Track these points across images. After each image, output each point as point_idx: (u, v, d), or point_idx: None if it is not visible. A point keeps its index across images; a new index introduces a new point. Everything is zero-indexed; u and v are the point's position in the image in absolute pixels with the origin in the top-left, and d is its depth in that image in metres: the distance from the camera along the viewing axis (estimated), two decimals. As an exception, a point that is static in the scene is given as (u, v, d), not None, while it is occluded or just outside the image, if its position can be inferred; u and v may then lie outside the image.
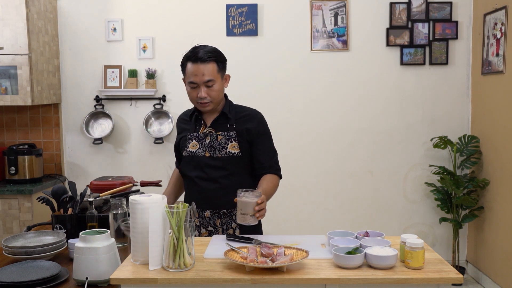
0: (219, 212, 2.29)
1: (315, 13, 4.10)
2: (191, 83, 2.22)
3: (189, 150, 2.30)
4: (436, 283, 1.64)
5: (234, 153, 2.26)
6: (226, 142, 2.26)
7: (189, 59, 2.23)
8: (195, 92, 2.22)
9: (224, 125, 2.30)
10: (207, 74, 2.19)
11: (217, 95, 2.24)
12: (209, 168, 2.27)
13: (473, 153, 3.97)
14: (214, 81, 2.21)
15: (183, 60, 2.27)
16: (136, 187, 2.98)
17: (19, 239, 2.08)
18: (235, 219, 2.25)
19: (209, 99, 2.22)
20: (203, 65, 2.18)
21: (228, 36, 4.10)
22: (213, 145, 2.27)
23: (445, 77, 4.16)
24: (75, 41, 4.15)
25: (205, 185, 2.28)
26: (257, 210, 1.98)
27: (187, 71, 2.23)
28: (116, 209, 2.12)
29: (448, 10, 4.09)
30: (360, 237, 1.89)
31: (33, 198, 3.59)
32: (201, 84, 2.20)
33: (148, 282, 1.64)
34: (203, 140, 2.29)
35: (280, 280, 1.63)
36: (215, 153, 2.26)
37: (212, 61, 2.20)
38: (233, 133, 2.27)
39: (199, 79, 2.19)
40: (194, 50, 2.23)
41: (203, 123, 2.33)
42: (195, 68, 2.19)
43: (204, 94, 2.20)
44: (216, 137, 2.28)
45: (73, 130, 4.22)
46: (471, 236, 4.22)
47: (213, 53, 2.22)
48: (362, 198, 4.25)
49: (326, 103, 4.18)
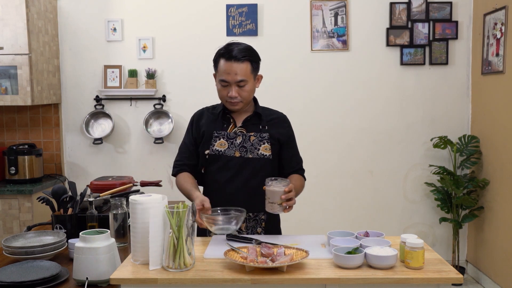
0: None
1: (315, 13, 4.10)
2: (222, 81, 2.14)
3: (216, 149, 2.20)
4: (436, 283, 1.64)
5: (266, 155, 2.20)
6: (258, 144, 2.20)
7: (223, 56, 2.13)
8: (226, 90, 2.15)
9: (256, 126, 2.23)
10: (240, 74, 2.11)
11: (248, 95, 2.18)
12: (237, 169, 2.19)
13: (473, 153, 3.97)
14: (247, 81, 2.13)
15: (216, 56, 2.17)
16: (136, 187, 2.99)
17: (19, 239, 2.08)
18: (261, 223, 2.23)
19: (240, 99, 2.15)
20: (237, 64, 2.10)
21: (228, 36, 4.10)
22: (245, 146, 2.19)
23: (445, 77, 4.16)
24: (75, 41, 4.15)
25: (231, 187, 2.18)
26: (283, 199, 1.94)
27: (220, 68, 2.14)
28: (116, 209, 2.12)
29: (448, 10, 4.09)
30: (360, 237, 1.89)
31: (33, 198, 3.59)
32: (233, 83, 2.12)
33: (148, 282, 1.64)
34: (233, 140, 2.20)
35: (280, 280, 1.63)
36: (247, 153, 2.18)
37: (247, 60, 2.12)
38: (266, 135, 2.21)
39: (231, 78, 2.11)
40: (229, 47, 2.14)
41: (232, 121, 2.24)
42: (228, 66, 2.11)
43: (235, 93, 2.13)
44: (248, 138, 2.20)
45: (73, 130, 4.21)
46: (471, 236, 4.22)
47: (248, 52, 2.13)
48: (362, 198, 4.25)
49: (326, 103, 4.18)
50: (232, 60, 2.10)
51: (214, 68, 2.20)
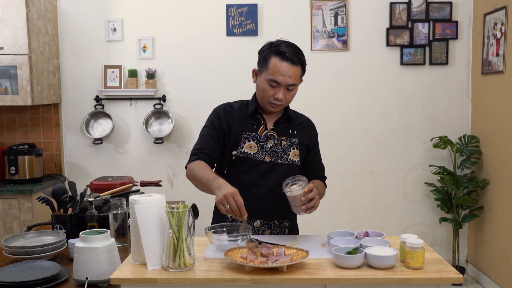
0: (269, 223, 2.13)
1: (315, 13, 4.10)
2: (273, 81, 2.01)
3: (245, 151, 2.08)
4: (436, 283, 1.64)
5: (294, 161, 2.12)
6: (288, 149, 2.11)
7: (276, 55, 2.00)
8: (273, 91, 2.02)
9: (286, 130, 2.14)
10: (293, 77, 2.01)
11: (292, 99, 2.08)
12: (266, 174, 2.08)
13: (473, 153, 3.97)
14: (296, 85, 2.05)
15: (267, 52, 2.03)
16: (136, 187, 2.99)
17: (19, 239, 2.08)
18: (284, 230, 2.17)
19: (284, 102, 2.04)
20: (291, 66, 2.00)
21: (228, 36, 4.10)
22: (276, 150, 2.09)
23: (445, 77, 4.16)
24: (75, 41, 4.15)
25: (258, 192, 2.06)
26: (304, 200, 1.87)
27: (271, 67, 2.00)
28: (116, 209, 2.12)
29: (448, 10, 4.09)
30: (360, 237, 1.89)
31: (33, 198, 3.59)
32: (284, 85, 2.01)
33: (148, 282, 1.64)
34: (264, 143, 2.09)
35: (280, 280, 1.63)
36: (277, 159, 2.09)
37: (300, 64, 2.04)
38: (296, 140, 2.13)
39: (284, 80, 2.00)
40: (283, 46, 2.02)
41: (263, 122, 2.12)
42: (283, 68, 1.99)
43: (282, 96, 2.01)
44: (280, 142, 2.11)
45: (73, 130, 4.21)
46: (471, 236, 4.22)
47: (301, 56, 2.05)
48: (362, 198, 4.25)
49: (326, 103, 4.18)
50: (288, 61, 1.99)
51: (262, 64, 2.06)
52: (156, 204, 1.72)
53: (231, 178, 2.07)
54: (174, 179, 4.22)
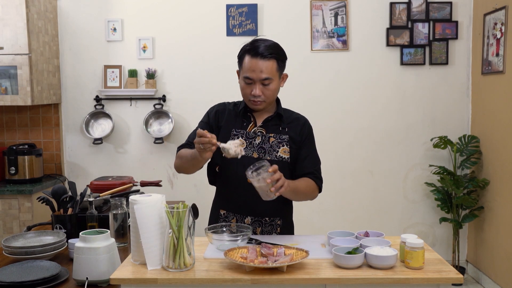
0: (260, 220, 2.14)
1: (315, 13, 4.10)
2: (246, 78, 2.05)
3: None
4: (436, 283, 1.64)
5: (284, 158, 2.12)
6: (277, 146, 2.12)
7: (248, 52, 2.04)
8: (249, 88, 2.06)
9: (276, 127, 2.15)
10: (265, 72, 2.02)
11: (272, 94, 2.10)
12: None
13: (473, 153, 3.97)
14: (272, 79, 2.05)
15: (241, 52, 2.09)
16: (136, 187, 2.99)
17: (19, 239, 2.08)
18: (276, 228, 2.16)
19: (263, 98, 2.06)
20: (262, 61, 2.02)
21: (228, 36, 4.10)
22: (264, 147, 2.11)
23: (445, 77, 4.16)
24: (75, 41, 4.15)
25: (248, 189, 2.02)
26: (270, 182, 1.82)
27: (244, 65, 2.06)
28: (116, 209, 2.12)
29: (448, 10, 4.09)
30: (360, 237, 1.89)
31: (33, 198, 3.59)
32: (257, 81, 2.04)
33: (148, 282, 1.64)
34: (252, 140, 2.12)
35: (280, 280, 1.63)
36: (265, 155, 2.10)
37: (273, 58, 2.04)
38: (286, 137, 2.14)
39: (256, 75, 2.03)
40: (255, 43, 2.06)
41: (252, 120, 2.16)
42: (253, 63, 2.02)
43: (259, 92, 2.04)
44: (268, 139, 2.12)
45: (73, 130, 4.21)
46: (471, 236, 4.22)
47: (274, 50, 2.05)
48: (362, 198, 4.25)
49: (326, 103, 4.18)
50: (258, 57, 2.02)
51: (239, 64, 2.12)
52: (156, 204, 1.72)
53: (221, 176, 2.16)
54: (174, 179, 4.22)
